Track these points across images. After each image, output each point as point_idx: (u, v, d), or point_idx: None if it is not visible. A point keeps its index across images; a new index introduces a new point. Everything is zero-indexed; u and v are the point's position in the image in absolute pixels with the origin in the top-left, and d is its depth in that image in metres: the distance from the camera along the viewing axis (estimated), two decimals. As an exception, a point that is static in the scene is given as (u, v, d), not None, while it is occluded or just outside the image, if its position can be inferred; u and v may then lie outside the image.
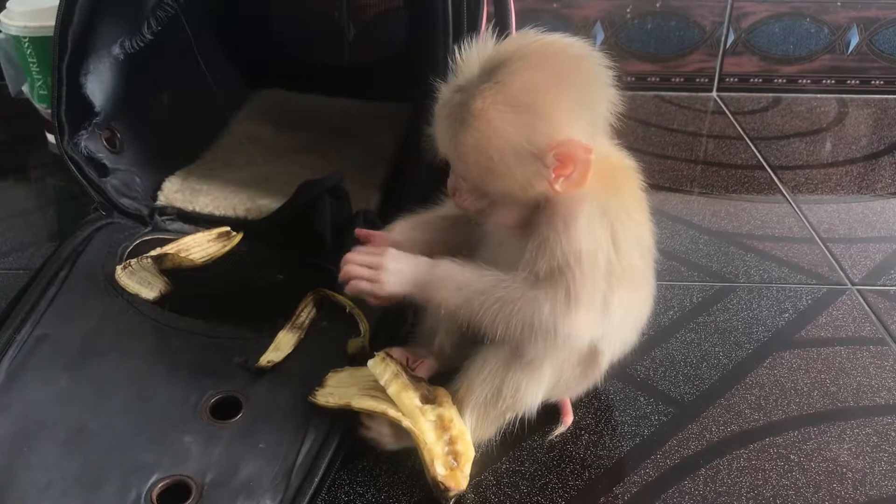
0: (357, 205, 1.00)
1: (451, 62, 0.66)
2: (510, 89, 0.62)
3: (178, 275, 0.91)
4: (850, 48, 1.55)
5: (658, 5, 1.50)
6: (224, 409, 0.76)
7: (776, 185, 1.26)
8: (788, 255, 1.08)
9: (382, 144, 1.22)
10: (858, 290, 1.01)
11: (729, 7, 1.51)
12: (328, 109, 1.34)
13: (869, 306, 0.98)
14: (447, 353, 0.80)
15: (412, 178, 1.00)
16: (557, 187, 0.64)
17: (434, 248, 0.74)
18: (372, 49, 1.47)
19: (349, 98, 1.36)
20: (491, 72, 0.63)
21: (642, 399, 0.83)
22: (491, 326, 0.66)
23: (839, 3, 1.51)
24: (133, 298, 0.87)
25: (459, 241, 0.75)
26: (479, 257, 0.72)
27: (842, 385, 0.85)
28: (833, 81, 1.58)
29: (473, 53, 0.66)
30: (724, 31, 1.53)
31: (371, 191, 1.08)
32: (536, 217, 0.67)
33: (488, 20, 0.95)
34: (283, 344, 0.82)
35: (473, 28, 0.90)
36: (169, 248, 0.94)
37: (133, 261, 0.91)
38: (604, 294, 0.66)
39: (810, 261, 1.07)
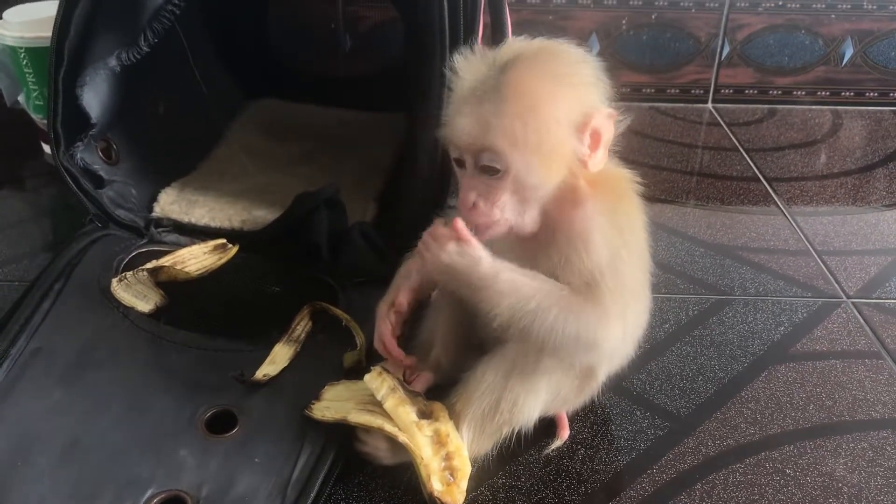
0: (353, 216, 1.00)
1: (453, 68, 0.66)
2: (542, 65, 0.64)
3: (173, 287, 0.91)
4: (845, 60, 1.56)
5: (653, 17, 1.51)
6: (220, 423, 0.75)
7: (771, 197, 1.26)
8: (784, 268, 1.08)
9: (378, 156, 1.22)
10: (854, 304, 1.01)
11: (724, 19, 1.51)
12: (324, 120, 1.34)
13: (864, 319, 0.98)
14: (444, 366, 0.79)
15: (408, 190, 1.00)
16: (590, 165, 0.65)
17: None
18: (368, 60, 1.48)
19: (345, 109, 1.36)
20: (508, 62, 0.64)
21: (638, 413, 0.83)
22: (539, 333, 0.65)
23: (833, 16, 1.51)
24: (128, 311, 0.87)
25: None
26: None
27: (837, 399, 0.85)
28: (827, 93, 1.59)
29: (478, 56, 0.66)
30: (720, 43, 1.54)
31: (367, 202, 1.08)
32: (545, 233, 0.68)
33: (484, 31, 0.96)
34: (278, 357, 0.82)
35: (470, 39, 0.91)
36: (165, 261, 0.94)
37: (129, 273, 0.90)
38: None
39: (805, 273, 1.07)
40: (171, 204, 1.06)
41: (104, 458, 0.71)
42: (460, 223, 0.65)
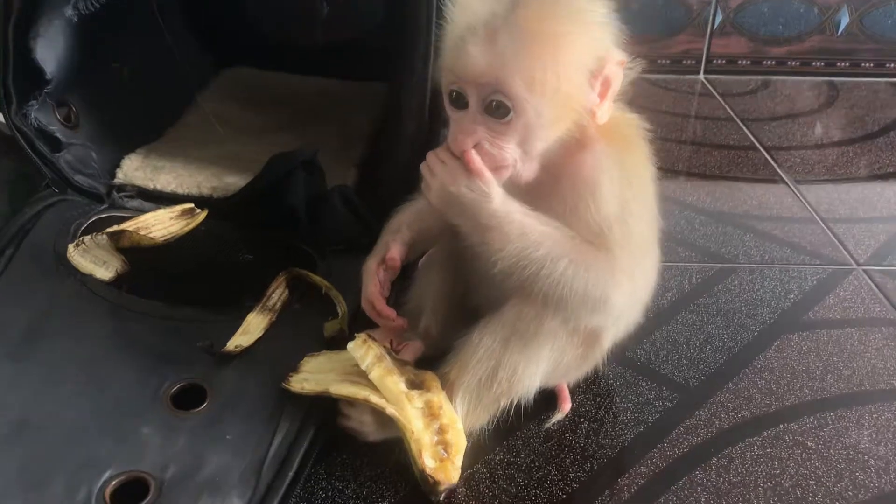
0: (333, 181, 0.93)
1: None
2: (558, 1, 0.57)
3: (136, 254, 0.84)
4: (841, 29, 1.50)
5: (644, -16, 1.45)
6: (187, 399, 0.69)
7: (771, 165, 1.21)
8: (789, 236, 1.02)
9: (359, 124, 1.15)
10: (865, 271, 0.95)
11: (717, -15, 1.46)
12: (302, 89, 1.27)
13: (877, 287, 0.92)
14: (434, 334, 0.73)
15: (392, 153, 0.93)
16: (598, 115, 0.60)
17: (437, 228, 0.70)
18: (347, 26, 1.40)
19: (324, 78, 1.29)
20: None
21: (644, 384, 0.77)
22: (545, 284, 0.59)
23: (829, -18, 1.46)
24: (86, 279, 0.80)
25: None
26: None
27: (856, 368, 0.80)
28: (822, 64, 1.53)
29: None
30: (712, 11, 1.48)
31: (348, 168, 1.01)
32: (548, 180, 0.62)
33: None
34: (252, 327, 0.75)
35: None
36: (127, 225, 0.86)
37: (87, 238, 0.83)
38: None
39: (812, 241, 1.01)
40: (135, 170, 0.99)
41: (57, 438, 0.64)
42: (473, 154, 0.59)
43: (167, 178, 0.97)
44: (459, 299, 0.74)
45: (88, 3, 0.92)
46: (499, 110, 0.58)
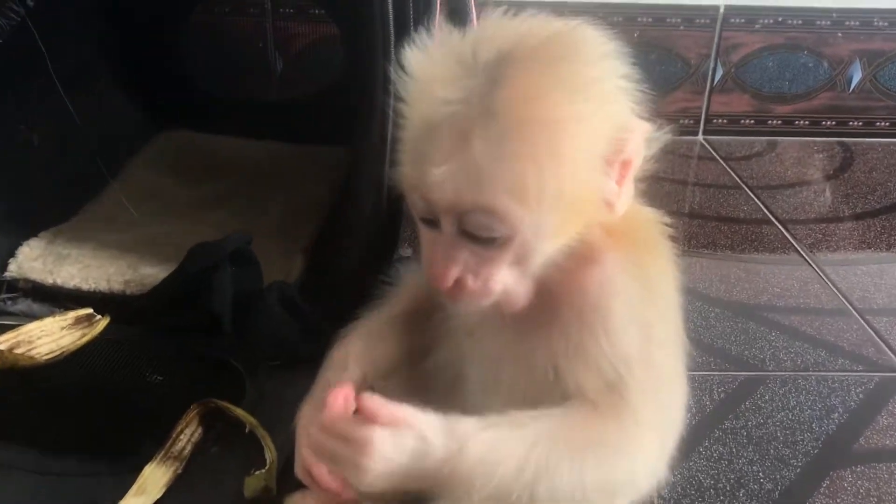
0: (272, 274, 0.78)
1: (407, 69, 0.43)
2: (555, 67, 0.42)
3: (9, 380, 0.68)
4: (853, 85, 1.37)
5: (636, 35, 1.32)
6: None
7: (790, 242, 1.05)
8: (822, 333, 0.86)
9: (311, 196, 1.00)
10: (919, 379, 0.79)
11: (717, 37, 1.34)
12: (247, 154, 1.14)
13: (938, 401, 0.76)
14: (389, 497, 0.55)
15: (347, 237, 0.78)
16: (618, 206, 0.45)
17: (396, 359, 0.54)
18: (303, 84, 1.28)
19: (273, 141, 1.14)
20: (500, 61, 0.41)
21: (666, 550, 0.60)
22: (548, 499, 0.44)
23: (840, 34, 1.34)
24: (-62, 417, 0.63)
25: (419, 341, 0.54)
26: (439, 356, 0.53)
27: (931, 519, 0.63)
28: (833, 123, 1.40)
29: (447, 48, 0.43)
30: (712, 66, 1.35)
31: (292, 255, 0.86)
32: (545, 305, 0.46)
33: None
34: (150, 483, 0.61)
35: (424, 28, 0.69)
36: (3, 340, 0.69)
37: (-58, 362, 0.66)
38: None
39: (850, 339, 0.85)
40: (33, 260, 0.83)
41: None
42: (335, 401, 0.45)
43: (71, 269, 0.81)
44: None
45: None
46: (484, 237, 0.42)
